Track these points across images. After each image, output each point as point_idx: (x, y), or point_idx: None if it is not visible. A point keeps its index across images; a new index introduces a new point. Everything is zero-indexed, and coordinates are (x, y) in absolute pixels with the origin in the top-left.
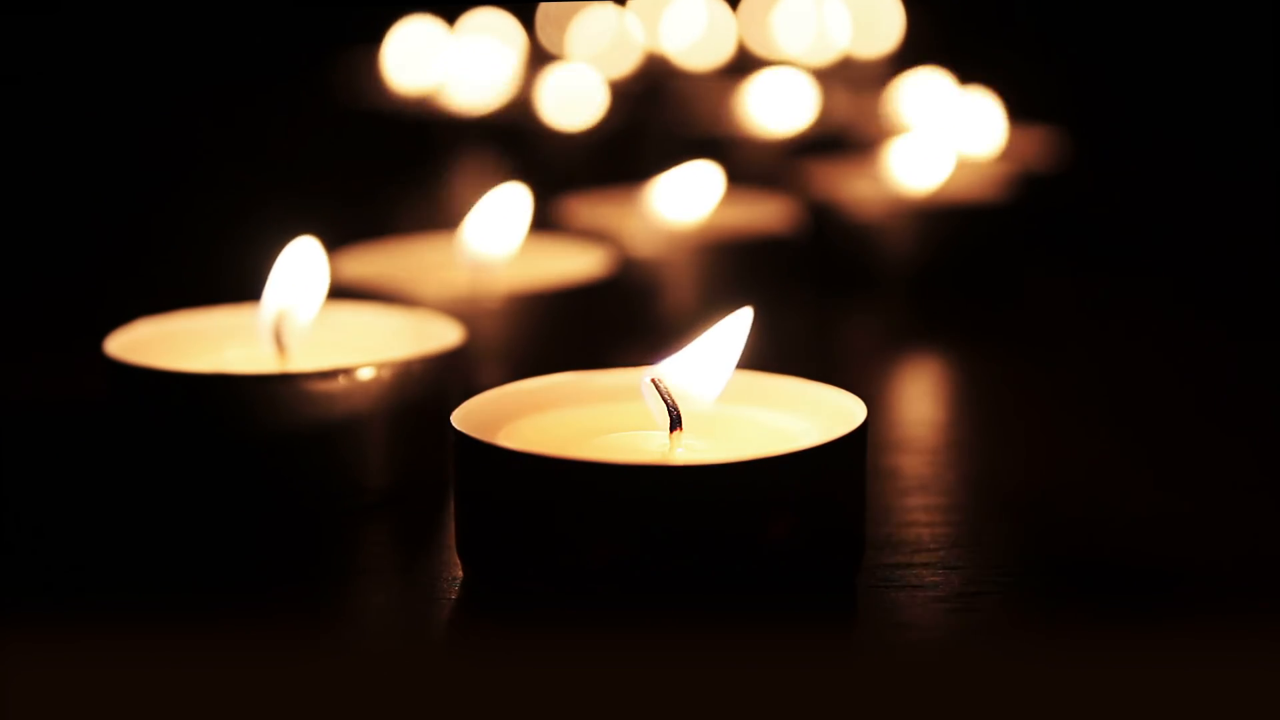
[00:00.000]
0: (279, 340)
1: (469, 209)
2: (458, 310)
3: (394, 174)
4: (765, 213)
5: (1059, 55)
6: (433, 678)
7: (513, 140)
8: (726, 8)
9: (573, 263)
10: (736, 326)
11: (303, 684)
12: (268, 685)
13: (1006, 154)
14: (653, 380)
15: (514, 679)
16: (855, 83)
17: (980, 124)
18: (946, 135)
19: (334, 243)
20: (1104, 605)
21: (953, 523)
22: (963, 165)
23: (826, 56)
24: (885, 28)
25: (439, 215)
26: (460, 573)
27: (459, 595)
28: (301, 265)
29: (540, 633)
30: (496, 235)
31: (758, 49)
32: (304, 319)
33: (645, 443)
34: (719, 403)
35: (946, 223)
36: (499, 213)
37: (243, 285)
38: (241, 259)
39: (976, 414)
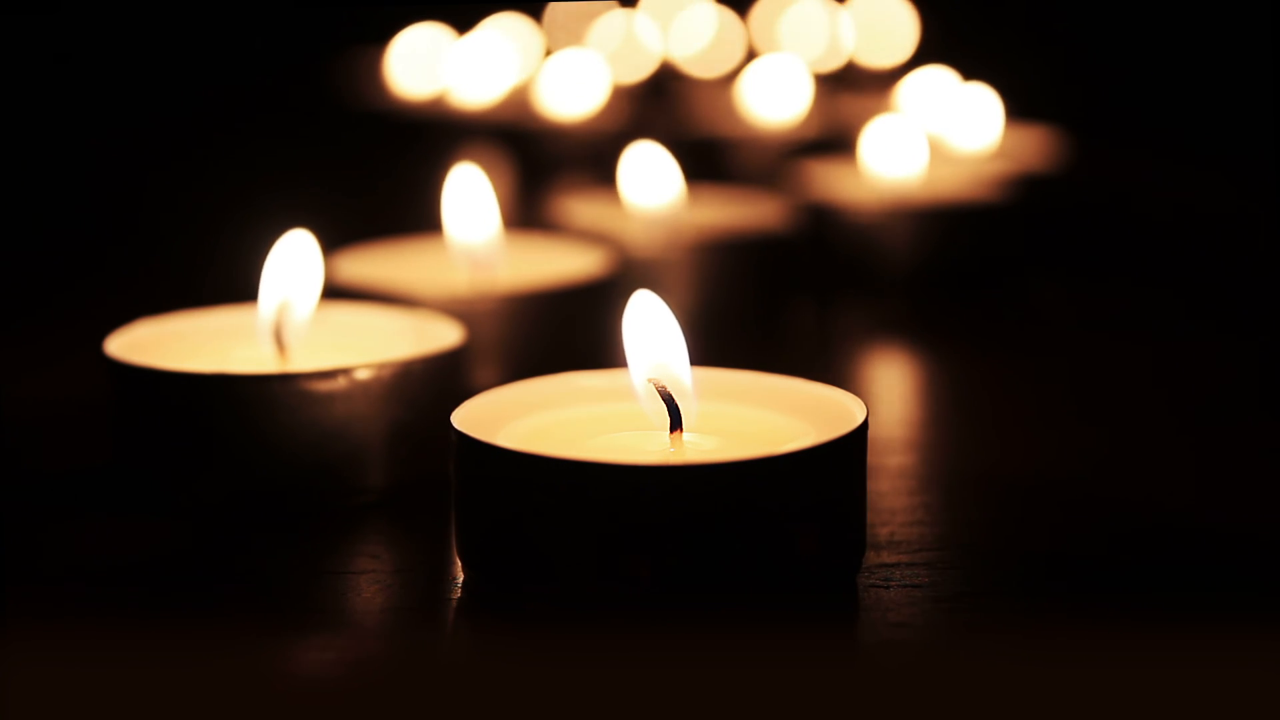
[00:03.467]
0: (279, 340)
1: (447, 204)
2: (458, 310)
3: (395, 174)
4: (764, 212)
5: (1058, 54)
6: (433, 678)
7: (515, 139)
8: (734, 14)
9: (573, 263)
10: (653, 314)
11: (302, 684)
12: (268, 685)
13: (1005, 153)
14: (651, 381)
15: (514, 679)
16: (861, 87)
17: (978, 122)
18: (922, 122)
19: (334, 243)
20: (1103, 605)
21: (952, 522)
22: (945, 157)
23: (834, 62)
24: (894, 35)
25: (439, 215)
26: (460, 573)
27: (459, 595)
28: (296, 261)
29: (540, 633)
30: (475, 223)
31: (766, 54)
32: (301, 316)
33: (645, 443)
34: (718, 402)
35: (945, 222)
36: (469, 200)
37: (242, 285)
38: (242, 259)
39: (976, 414)
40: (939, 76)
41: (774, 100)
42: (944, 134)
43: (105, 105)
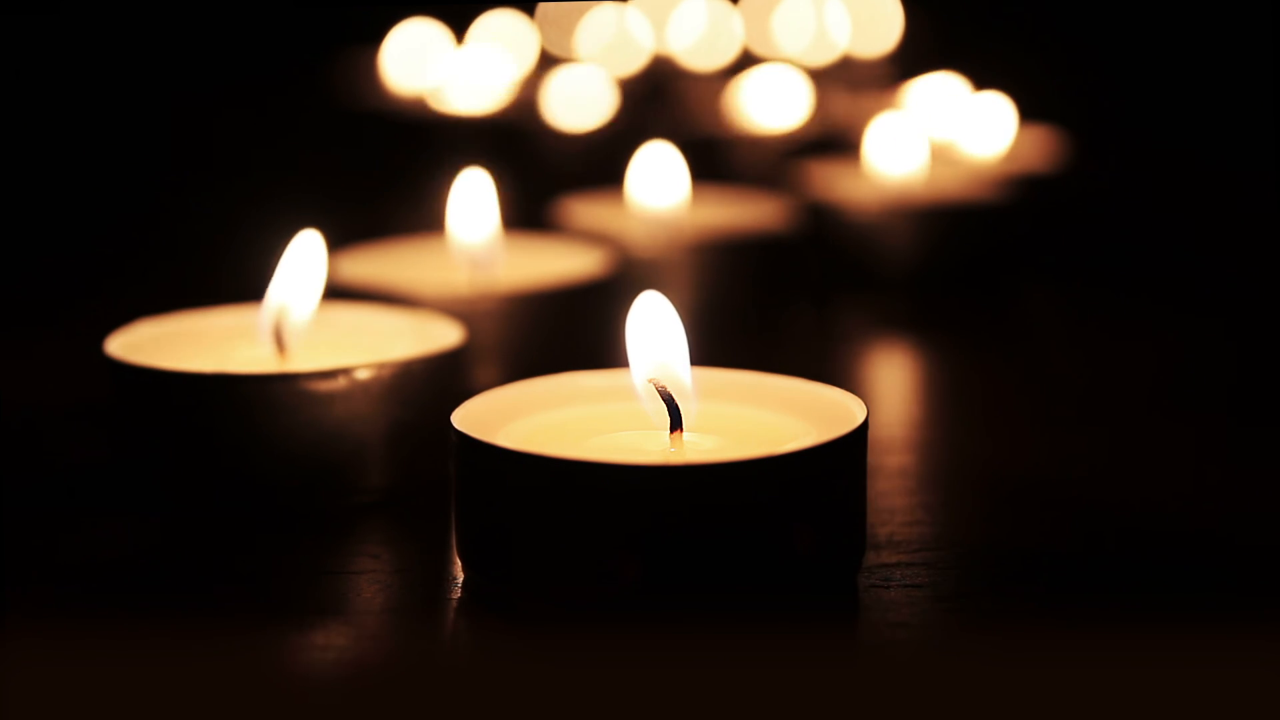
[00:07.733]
0: (279, 340)
1: (453, 206)
2: (458, 310)
3: (394, 174)
4: (764, 212)
5: (1060, 55)
6: (432, 677)
7: (514, 141)
8: (729, 7)
9: (573, 263)
10: (657, 314)
11: (302, 684)
12: (268, 685)
13: (1006, 155)
14: (652, 381)
15: (514, 679)
16: (854, 83)
17: (980, 124)
18: (919, 121)
19: (334, 243)
20: (1102, 605)
21: (952, 522)
22: (946, 158)
23: (826, 56)
24: (885, 28)
25: (439, 215)
26: (460, 573)
27: (459, 595)
28: (303, 261)
29: (540, 633)
30: (477, 225)
31: (758, 49)
32: (302, 316)
33: (645, 443)
34: (718, 402)
35: (946, 222)
36: (472, 201)
37: (243, 285)
38: (242, 259)
39: (976, 414)
40: (948, 83)
41: (771, 105)
42: (954, 140)
43: (101, 105)
